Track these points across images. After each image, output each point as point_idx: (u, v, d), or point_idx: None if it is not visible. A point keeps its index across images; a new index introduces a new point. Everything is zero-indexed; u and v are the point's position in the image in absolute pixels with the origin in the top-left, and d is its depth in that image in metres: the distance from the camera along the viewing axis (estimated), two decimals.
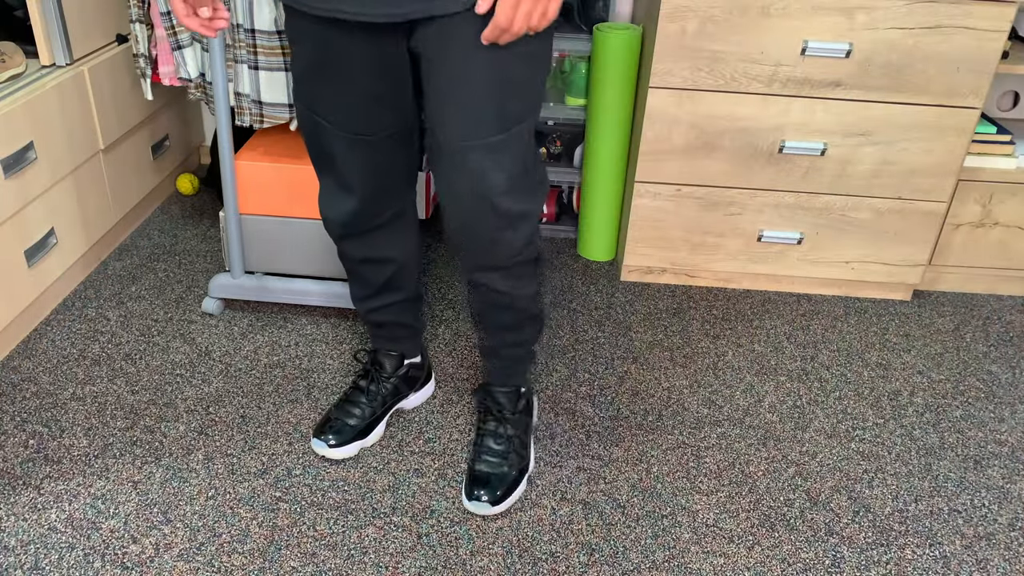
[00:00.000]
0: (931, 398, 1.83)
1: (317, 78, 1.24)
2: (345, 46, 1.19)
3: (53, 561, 1.34)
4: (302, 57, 1.24)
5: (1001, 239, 2.14)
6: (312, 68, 1.24)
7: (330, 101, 1.26)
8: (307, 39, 1.21)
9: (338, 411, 1.58)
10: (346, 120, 1.27)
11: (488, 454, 1.50)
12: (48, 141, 1.83)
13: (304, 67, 1.25)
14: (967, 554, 1.45)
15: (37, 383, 1.72)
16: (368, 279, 1.50)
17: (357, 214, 1.38)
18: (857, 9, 1.83)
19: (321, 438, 1.55)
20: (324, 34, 1.19)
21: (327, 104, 1.26)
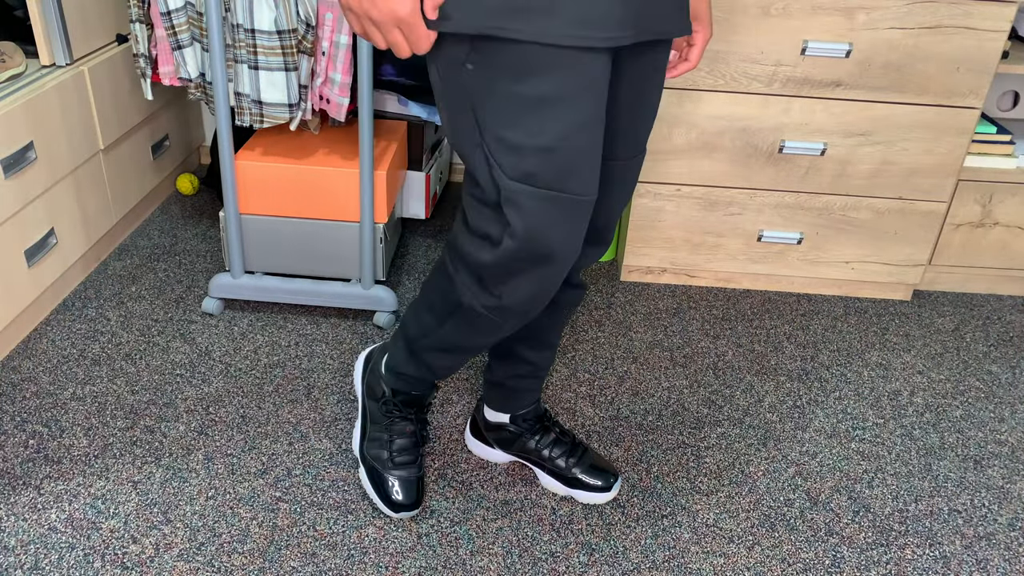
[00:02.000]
0: (931, 398, 1.83)
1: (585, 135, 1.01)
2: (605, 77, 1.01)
3: (53, 561, 1.34)
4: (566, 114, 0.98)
5: (1001, 239, 2.14)
6: (584, 124, 1.00)
7: (591, 163, 1.04)
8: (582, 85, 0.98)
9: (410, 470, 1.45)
10: (596, 180, 1.06)
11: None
12: (48, 141, 1.83)
13: (571, 125, 0.99)
14: (967, 554, 1.45)
15: (37, 383, 1.72)
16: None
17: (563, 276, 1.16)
18: (857, 9, 1.83)
19: (415, 508, 1.43)
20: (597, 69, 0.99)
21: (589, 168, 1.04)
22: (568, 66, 0.96)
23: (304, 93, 1.74)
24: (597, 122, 1.02)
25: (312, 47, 1.69)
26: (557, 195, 1.03)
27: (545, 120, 0.99)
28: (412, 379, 1.41)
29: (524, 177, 1.02)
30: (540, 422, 1.52)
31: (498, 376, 1.47)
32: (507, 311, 1.16)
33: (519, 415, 1.50)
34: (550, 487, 1.52)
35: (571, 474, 1.49)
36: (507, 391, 1.48)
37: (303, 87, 1.73)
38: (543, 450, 1.50)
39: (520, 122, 0.99)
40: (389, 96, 2.01)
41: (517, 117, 0.99)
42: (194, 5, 1.71)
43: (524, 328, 1.38)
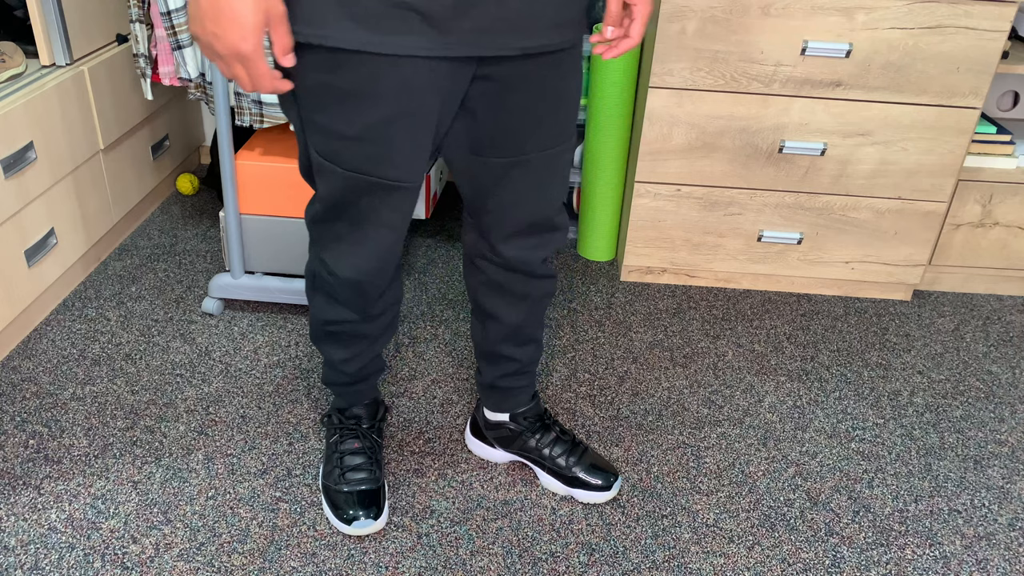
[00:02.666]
0: (931, 398, 1.83)
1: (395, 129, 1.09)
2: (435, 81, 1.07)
3: (53, 561, 1.34)
4: (371, 113, 1.07)
5: (1001, 239, 2.14)
6: (392, 120, 1.08)
7: (403, 156, 1.12)
8: (391, 89, 1.05)
9: (352, 484, 1.44)
10: (414, 171, 1.15)
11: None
12: (48, 141, 1.83)
13: (374, 123, 1.08)
14: (967, 554, 1.45)
15: (37, 383, 1.72)
16: (374, 332, 1.38)
17: (396, 254, 1.27)
18: (857, 9, 1.83)
19: (362, 520, 1.40)
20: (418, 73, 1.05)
21: (398, 161, 1.12)
22: (376, 68, 1.03)
23: None
24: (413, 119, 1.08)
25: None
26: (365, 177, 1.13)
27: (352, 112, 1.06)
28: (338, 387, 1.47)
29: (331, 156, 1.12)
30: (540, 420, 1.52)
31: (488, 378, 1.49)
32: (340, 280, 1.25)
33: (519, 413, 1.51)
34: (550, 487, 1.52)
35: (571, 473, 1.49)
36: (500, 391, 1.49)
37: None
38: (543, 449, 1.50)
39: (328, 109, 1.07)
40: None
41: (326, 105, 1.07)
42: None
43: (503, 327, 1.40)
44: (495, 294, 1.37)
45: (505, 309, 1.39)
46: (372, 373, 1.47)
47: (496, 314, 1.39)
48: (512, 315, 1.39)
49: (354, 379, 1.45)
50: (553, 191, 1.26)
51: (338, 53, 1.02)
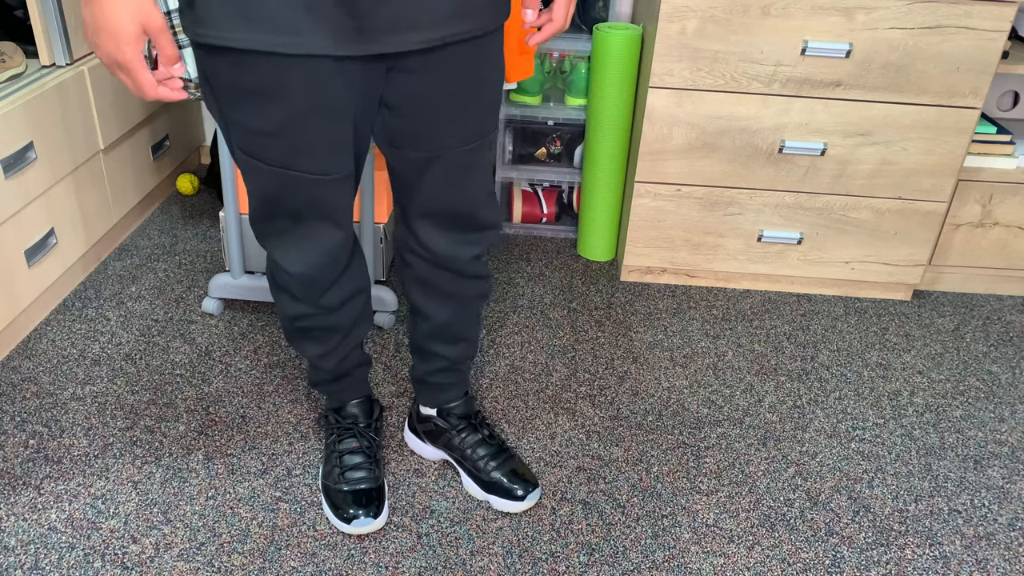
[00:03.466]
0: (931, 398, 1.83)
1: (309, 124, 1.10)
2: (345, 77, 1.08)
3: (53, 561, 1.34)
4: (282, 109, 1.08)
5: (1001, 239, 2.14)
6: (303, 115, 1.09)
7: (321, 150, 1.13)
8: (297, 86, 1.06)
9: (351, 483, 1.44)
10: (336, 163, 1.16)
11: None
12: (48, 141, 1.83)
13: (286, 119, 1.09)
14: (967, 554, 1.45)
15: (37, 383, 1.72)
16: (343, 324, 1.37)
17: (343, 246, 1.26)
18: (857, 9, 1.83)
19: (362, 518, 1.40)
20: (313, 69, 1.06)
21: (316, 154, 1.14)
22: (280, 67, 1.04)
23: None
24: (325, 113, 1.09)
25: None
26: (284, 171, 1.14)
27: (261, 108, 1.08)
28: (324, 386, 1.48)
29: (253, 151, 1.13)
30: (467, 420, 1.51)
31: (418, 372, 1.50)
32: (287, 275, 1.26)
33: (446, 409, 1.51)
34: (469, 489, 1.51)
35: (489, 478, 1.47)
36: (429, 386, 1.50)
37: None
38: (466, 449, 1.50)
39: (243, 106, 1.08)
40: None
41: (240, 102, 1.08)
42: None
43: (431, 324, 1.41)
44: (423, 290, 1.37)
45: (433, 307, 1.38)
46: (354, 367, 1.46)
47: (424, 311, 1.39)
48: (440, 313, 1.39)
49: (336, 375, 1.45)
50: (474, 185, 1.26)
51: (243, 53, 1.03)
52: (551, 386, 1.79)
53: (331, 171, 1.16)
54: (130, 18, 0.96)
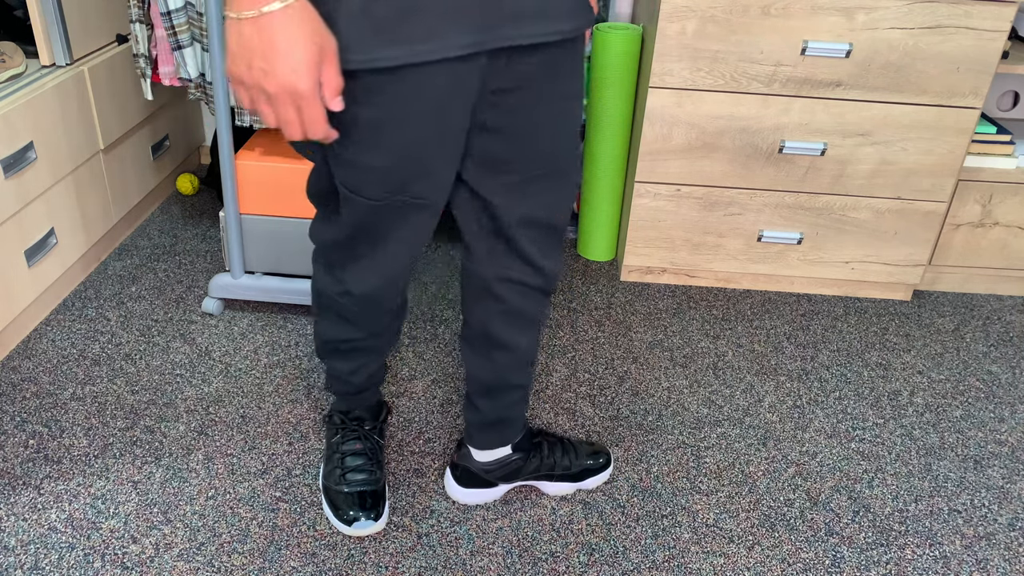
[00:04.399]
0: (931, 398, 1.83)
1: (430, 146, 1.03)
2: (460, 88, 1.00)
3: (53, 561, 1.34)
4: (403, 134, 0.99)
5: (1001, 239, 2.14)
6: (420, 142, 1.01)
7: (436, 174, 1.06)
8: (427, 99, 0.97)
9: (353, 485, 1.42)
10: (445, 187, 1.10)
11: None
12: (48, 141, 1.83)
13: (404, 145, 1.01)
14: (967, 554, 1.45)
15: (37, 383, 1.72)
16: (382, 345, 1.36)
17: (412, 266, 1.24)
18: (857, 9, 1.83)
19: (362, 520, 1.39)
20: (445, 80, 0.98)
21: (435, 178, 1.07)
22: (409, 82, 0.96)
23: None
24: (444, 133, 1.03)
25: None
26: (396, 198, 1.08)
27: (378, 140, 1.00)
28: (339, 391, 1.45)
29: (358, 187, 1.06)
30: (534, 436, 1.50)
31: (492, 415, 1.40)
32: (356, 298, 1.22)
33: (521, 439, 1.46)
34: (558, 492, 1.51)
35: (577, 467, 1.49)
36: (503, 424, 1.41)
37: None
38: (550, 459, 1.48)
39: (356, 143, 1.01)
40: None
41: (356, 137, 1.00)
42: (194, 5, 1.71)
43: (515, 355, 1.34)
44: (509, 320, 1.29)
45: (518, 335, 1.31)
46: (379, 379, 1.46)
47: (510, 343, 1.31)
48: (523, 339, 1.32)
49: (361, 388, 1.44)
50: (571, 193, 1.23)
51: (371, 76, 0.94)
52: (551, 386, 1.79)
53: (439, 198, 1.10)
54: (308, 38, 0.83)
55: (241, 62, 0.84)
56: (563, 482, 1.50)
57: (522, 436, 1.46)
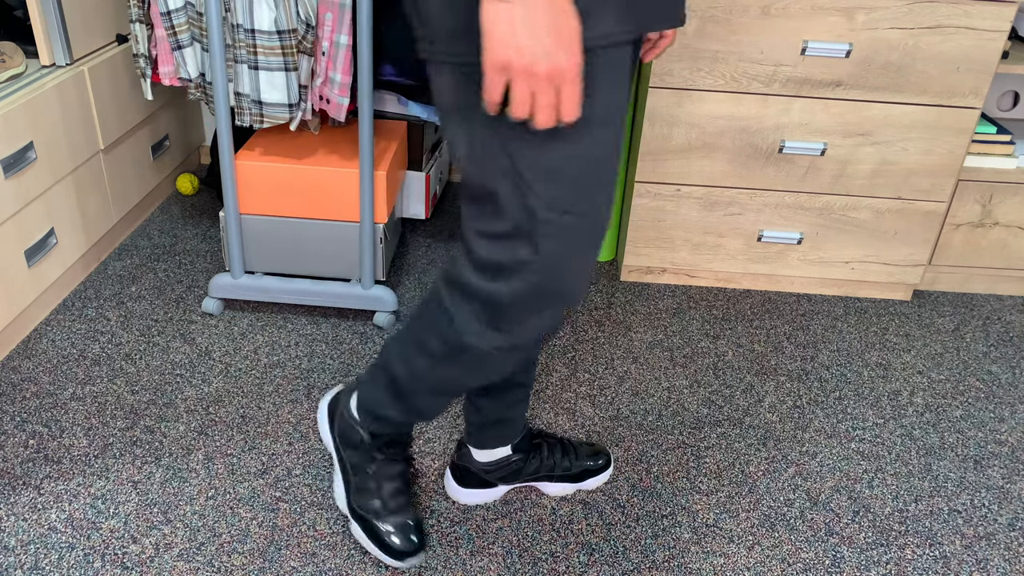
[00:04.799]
0: (931, 398, 1.83)
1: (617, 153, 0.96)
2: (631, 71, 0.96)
3: (53, 561, 1.34)
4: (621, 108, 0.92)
5: (1001, 239, 2.14)
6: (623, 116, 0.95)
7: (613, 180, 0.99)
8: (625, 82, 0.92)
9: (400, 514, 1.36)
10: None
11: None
12: (48, 141, 1.83)
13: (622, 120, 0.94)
14: (967, 554, 1.45)
15: (37, 383, 1.72)
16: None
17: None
18: (857, 9, 1.83)
19: (416, 555, 1.34)
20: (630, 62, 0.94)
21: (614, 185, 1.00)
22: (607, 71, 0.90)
23: (304, 93, 1.74)
24: (621, 135, 0.97)
25: (312, 47, 1.69)
26: (586, 217, 0.96)
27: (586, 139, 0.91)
28: (396, 422, 1.29)
29: (567, 206, 0.94)
30: (533, 437, 1.49)
31: (493, 415, 1.38)
32: (517, 349, 1.08)
33: (521, 439, 1.46)
34: (559, 492, 1.51)
35: (578, 468, 1.49)
36: (504, 424, 1.40)
37: (303, 87, 1.73)
38: (550, 460, 1.48)
39: (560, 145, 0.91)
40: (389, 96, 2.01)
41: (554, 139, 0.91)
42: (194, 5, 1.71)
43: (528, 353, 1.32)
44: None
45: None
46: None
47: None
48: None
49: (427, 418, 1.30)
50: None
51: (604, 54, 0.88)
52: (551, 386, 1.79)
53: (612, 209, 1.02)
54: (571, 14, 0.79)
55: (510, 46, 0.79)
56: (563, 483, 1.50)
57: (522, 437, 1.46)
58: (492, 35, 0.80)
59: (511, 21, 0.78)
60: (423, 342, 1.14)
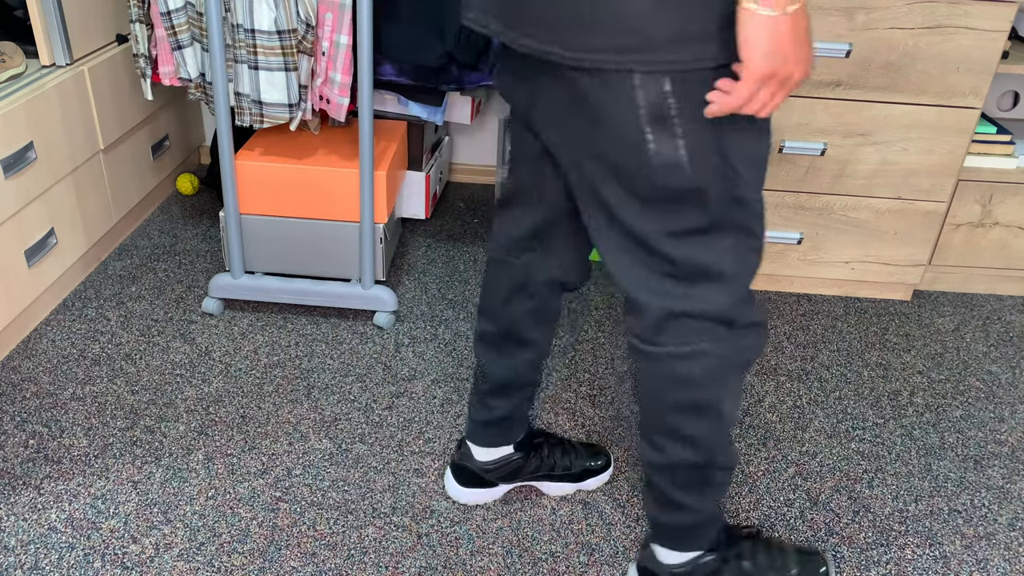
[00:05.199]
0: (931, 398, 1.83)
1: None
2: None
3: (53, 561, 1.34)
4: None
5: (1001, 239, 2.14)
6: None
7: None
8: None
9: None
10: None
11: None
12: (48, 141, 1.83)
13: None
14: (967, 554, 1.45)
15: (37, 383, 1.72)
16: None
17: None
18: (857, 9, 1.83)
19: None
20: None
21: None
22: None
23: (304, 93, 1.74)
24: None
25: (312, 47, 1.69)
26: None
27: (768, 128, 1.01)
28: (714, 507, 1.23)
29: (761, 187, 1.03)
30: (534, 437, 1.50)
31: (502, 413, 1.40)
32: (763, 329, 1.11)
33: (524, 438, 1.46)
34: (559, 492, 1.51)
35: (578, 467, 1.49)
36: (510, 421, 1.42)
37: (303, 87, 1.73)
38: (551, 459, 1.48)
39: (763, 136, 0.99)
40: (389, 96, 2.01)
41: (760, 132, 0.99)
42: (194, 5, 1.71)
43: (539, 350, 1.35)
44: (541, 319, 1.31)
45: (547, 331, 1.34)
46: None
47: (538, 340, 1.34)
48: (548, 336, 1.35)
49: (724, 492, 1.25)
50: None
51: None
52: (551, 386, 1.79)
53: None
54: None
55: (778, 56, 0.85)
56: (564, 482, 1.50)
57: (524, 435, 1.46)
58: (757, 46, 0.85)
59: (778, 33, 0.84)
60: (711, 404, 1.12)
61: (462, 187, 2.66)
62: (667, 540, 1.26)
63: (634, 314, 1.10)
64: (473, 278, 2.16)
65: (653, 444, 1.18)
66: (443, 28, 1.76)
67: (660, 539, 1.27)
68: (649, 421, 1.17)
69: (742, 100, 0.89)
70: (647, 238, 1.03)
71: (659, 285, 1.06)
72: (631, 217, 1.02)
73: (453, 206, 2.53)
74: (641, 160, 0.97)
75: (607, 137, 0.97)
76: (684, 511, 1.21)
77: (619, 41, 0.89)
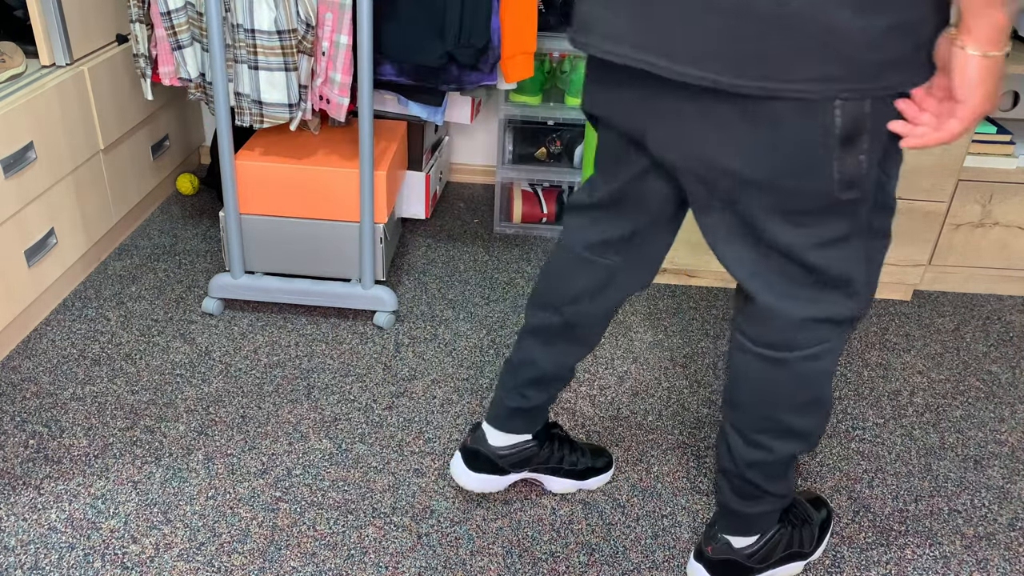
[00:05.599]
0: (931, 398, 1.83)
1: None
2: None
3: (53, 561, 1.34)
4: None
5: (1001, 239, 2.14)
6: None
7: None
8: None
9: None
10: None
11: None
12: (48, 141, 1.83)
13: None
14: (967, 554, 1.45)
15: (37, 383, 1.72)
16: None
17: None
18: None
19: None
20: None
21: None
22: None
23: (304, 93, 1.74)
24: None
25: (312, 47, 1.69)
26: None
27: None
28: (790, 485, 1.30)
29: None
30: (550, 428, 1.50)
31: (535, 402, 1.40)
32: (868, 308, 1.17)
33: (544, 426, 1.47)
34: (562, 489, 1.51)
35: (583, 465, 1.49)
36: (541, 411, 1.42)
37: (303, 87, 1.73)
38: (560, 453, 1.48)
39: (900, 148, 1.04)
40: (389, 96, 2.01)
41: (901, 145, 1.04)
42: (194, 5, 1.71)
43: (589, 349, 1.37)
44: (608, 320, 1.35)
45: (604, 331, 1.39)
46: None
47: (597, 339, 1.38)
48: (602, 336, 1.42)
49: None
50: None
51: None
52: None
53: None
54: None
55: (994, 96, 0.91)
56: (568, 479, 1.50)
57: (543, 425, 1.47)
58: (981, 87, 0.90)
59: (994, 74, 0.89)
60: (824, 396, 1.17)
61: (462, 187, 2.66)
62: (745, 528, 1.30)
63: (760, 322, 1.13)
64: (473, 278, 2.16)
65: (757, 444, 1.20)
66: (443, 28, 1.76)
67: (736, 529, 1.30)
68: (756, 424, 1.19)
69: (954, 137, 0.93)
70: (792, 249, 1.05)
71: (798, 292, 1.09)
72: (777, 229, 1.04)
73: (453, 206, 2.53)
74: (819, 177, 0.98)
75: (784, 159, 0.97)
76: (772, 499, 1.26)
77: (826, 70, 0.90)
